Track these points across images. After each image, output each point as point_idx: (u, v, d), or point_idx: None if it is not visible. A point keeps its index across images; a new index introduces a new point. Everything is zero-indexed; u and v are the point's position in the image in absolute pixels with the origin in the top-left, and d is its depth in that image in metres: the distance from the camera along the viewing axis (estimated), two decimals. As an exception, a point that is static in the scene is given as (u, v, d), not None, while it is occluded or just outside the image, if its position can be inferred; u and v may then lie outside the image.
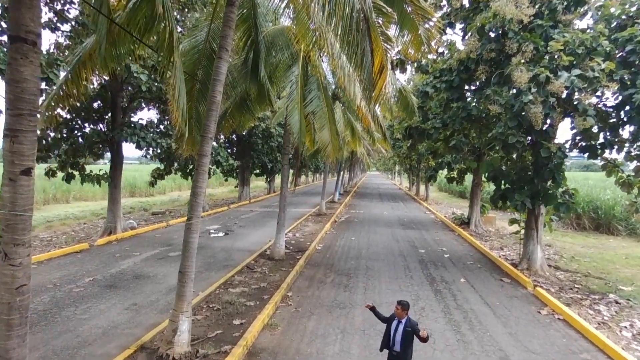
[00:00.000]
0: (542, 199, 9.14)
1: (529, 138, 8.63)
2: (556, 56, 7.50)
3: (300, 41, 6.54)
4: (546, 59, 7.60)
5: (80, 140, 12.91)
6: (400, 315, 3.87)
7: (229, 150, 26.09)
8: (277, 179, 41.89)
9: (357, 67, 4.56)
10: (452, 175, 17.75)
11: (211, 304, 6.64)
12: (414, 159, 29.53)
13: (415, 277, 8.71)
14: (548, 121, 8.28)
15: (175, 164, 18.74)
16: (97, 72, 5.62)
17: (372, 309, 4.11)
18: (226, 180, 28.77)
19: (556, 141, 8.80)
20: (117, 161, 13.47)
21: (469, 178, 18.71)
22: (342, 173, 37.45)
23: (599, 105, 8.10)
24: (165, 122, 16.39)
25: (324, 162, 19.60)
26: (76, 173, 13.24)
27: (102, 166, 14.06)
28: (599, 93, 7.56)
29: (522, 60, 7.48)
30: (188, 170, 19.21)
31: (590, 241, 16.03)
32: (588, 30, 8.04)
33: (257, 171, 31.15)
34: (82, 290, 7.30)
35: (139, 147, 13.30)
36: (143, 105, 15.30)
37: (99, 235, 12.62)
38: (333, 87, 18.40)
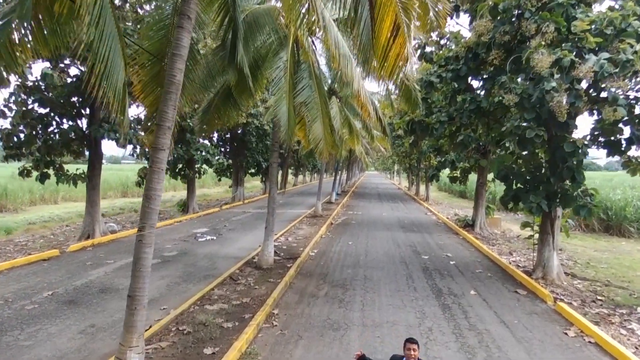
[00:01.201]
0: (560, 201, 8.20)
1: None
2: (579, 38, 6.56)
3: (287, 16, 5.57)
4: (569, 42, 6.66)
5: (55, 137, 11.93)
6: (414, 357, 2.90)
7: (222, 149, 25.15)
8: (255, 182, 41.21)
9: (355, 36, 3.58)
10: (455, 175, 16.80)
11: (182, 325, 5.66)
12: (414, 158, 28.58)
13: (419, 288, 7.75)
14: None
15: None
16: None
17: (362, 358, 3.15)
18: (219, 180, 27.76)
19: (575, 136, 7.88)
20: (95, 160, 12.45)
21: (472, 177, 17.77)
22: (340, 172, 36.49)
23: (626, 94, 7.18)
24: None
25: (320, 161, 18.65)
26: (51, 172, 12.26)
27: (81, 165, 13.04)
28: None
29: (542, 43, 6.51)
30: (177, 170, 18.27)
31: (602, 244, 15.11)
32: (616, 7, 7.08)
33: (252, 170, 30.21)
34: (35, 307, 6.31)
35: (118, 144, 12.32)
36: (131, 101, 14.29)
37: (76, 240, 11.63)
38: (329, 81, 17.45)
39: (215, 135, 22.77)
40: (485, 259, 10.65)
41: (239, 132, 24.62)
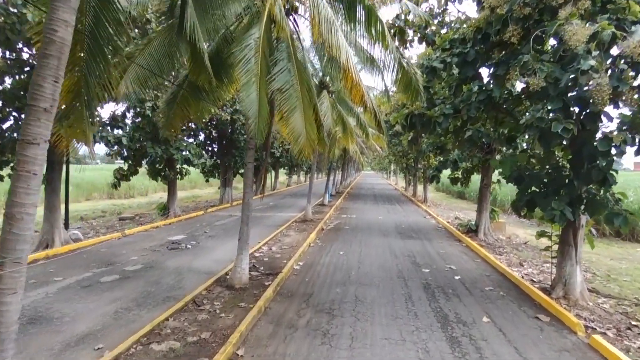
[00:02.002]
0: (586, 208, 6.94)
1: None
2: (619, 8, 5.28)
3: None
4: (606, 14, 5.38)
5: (12, 134, 10.54)
6: None
7: (209, 148, 23.78)
8: (265, 180, 39.64)
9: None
10: (456, 176, 15.53)
11: (112, 377, 4.32)
12: (411, 158, 27.31)
13: (421, 314, 6.44)
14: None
15: (143, 163, 16.44)
16: None
17: None
18: (207, 181, 26.36)
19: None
20: (54, 160, 11.05)
21: (473, 178, 16.52)
22: (334, 173, 35.17)
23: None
24: (130, 113, 14.05)
25: (307, 160, 17.29)
26: (5, 174, 10.88)
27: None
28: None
29: (576, 12, 5.23)
30: (157, 170, 16.88)
31: (615, 250, 13.92)
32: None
33: (242, 171, 28.84)
34: None
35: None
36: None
37: (30, 251, 10.24)
38: (320, 74, 16.12)
39: (201, 134, 21.49)
40: (494, 272, 9.36)
41: (229, 130, 23.30)
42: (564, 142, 6.65)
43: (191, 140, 18.85)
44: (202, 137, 22.16)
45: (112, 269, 8.72)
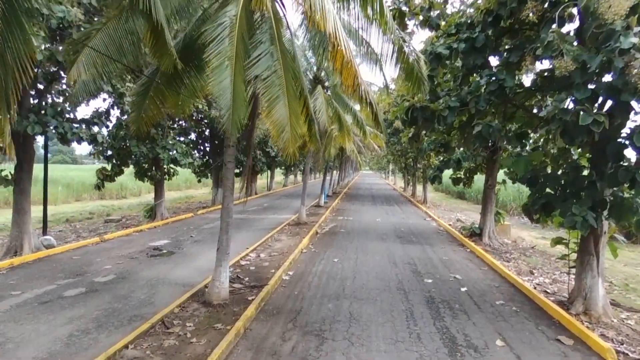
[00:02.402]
0: (611, 213, 6.10)
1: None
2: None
3: None
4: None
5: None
6: None
7: (201, 147, 22.90)
8: (260, 180, 38.39)
9: None
10: (458, 176, 14.69)
11: None
12: (410, 157, 26.47)
13: (424, 336, 5.58)
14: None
15: (130, 163, 15.54)
16: None
17: None
18: (199, 181, 25.43)
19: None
20: (24, 159, 10.14)
21: (477, 178, 15.68)
22: (331, 173, 34.32)
23: None
24: (115, 110, 13.12)
25: (296, 159, 16.46)
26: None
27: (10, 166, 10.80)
28: None
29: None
30: (144, 170, 15.97)
31: (627, 255, 13.09)
32: None
33: (237, 171, 27.95)
34: None
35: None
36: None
37: (-4, 258, 9.36)
38: (315, 69, 15.26)
39: (193, 134, 20.59)
40: (504, 282, 8.51)
41: (221, 128, 22.45)
42: (598, 137, 5.80)
43: (181, 138, 17.96)
44: (193, 135, 21.36)
45: (80, 280, 7.84)
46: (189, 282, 7.83)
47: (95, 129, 11.24)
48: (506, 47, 6.58)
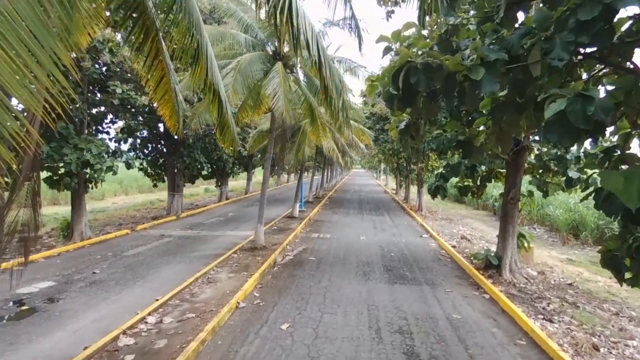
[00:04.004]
0: None
1: None
2: None
3: None
4: None
5: None
6: None
7: (151, 145, 19.07)
8: (232, 183, 33.99)
9: None
10: (467, 184, 11.13)
11: None
12: (402, 157, 22.86)
13: None
14: None
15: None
16: None
17: None
18: (155, 186, 21.58)
19: None
20: None
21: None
22: (311, 174, 30.59)
23: None
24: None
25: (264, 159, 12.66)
26: None
27: None
28: None
29: None
30: (56, 178, 12.12)
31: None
32: None
33: (205, 172, 24.10)
34: None
35: None
36: None
37: None
38: (277, 43, 11.54)
39: (145, 131, 16.70)
40: (565, 382, 4.92)
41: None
42: None
43: (104, 135, 14.12)
44: (144, 132, 17.52)
45: None
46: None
47: None
48: None
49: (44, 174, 12.13)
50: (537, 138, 8.49)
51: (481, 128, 4.85)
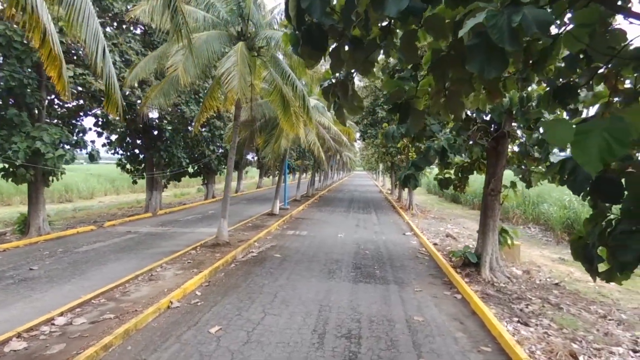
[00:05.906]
0: None
1: None
2: None
3: None
4: None
5: None
6: None
7: (134, 141, 18.35)
8: (219, 181, 33.07)
9: None
10: (447, 176, 10.26)
11: None
12: (393, 153, 21.96)
13: None
14: None
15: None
16: None
17: None
18: (134, 182, 20.83)
19: None
20: None
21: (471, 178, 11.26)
22: (298, 173, 29.77)
23: None
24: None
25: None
26: None
27: None
28: None
29: None
30: (12, 170, 11.35)
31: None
32: None
33: (191, 170, 23.36)
34: None
35: None
36: None
37: None
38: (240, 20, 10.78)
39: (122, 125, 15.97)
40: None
41: (156, 118, 17.92)
42: None
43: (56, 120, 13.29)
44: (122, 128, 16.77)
45: None
46: None
47: None
48: None
49: None
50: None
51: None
